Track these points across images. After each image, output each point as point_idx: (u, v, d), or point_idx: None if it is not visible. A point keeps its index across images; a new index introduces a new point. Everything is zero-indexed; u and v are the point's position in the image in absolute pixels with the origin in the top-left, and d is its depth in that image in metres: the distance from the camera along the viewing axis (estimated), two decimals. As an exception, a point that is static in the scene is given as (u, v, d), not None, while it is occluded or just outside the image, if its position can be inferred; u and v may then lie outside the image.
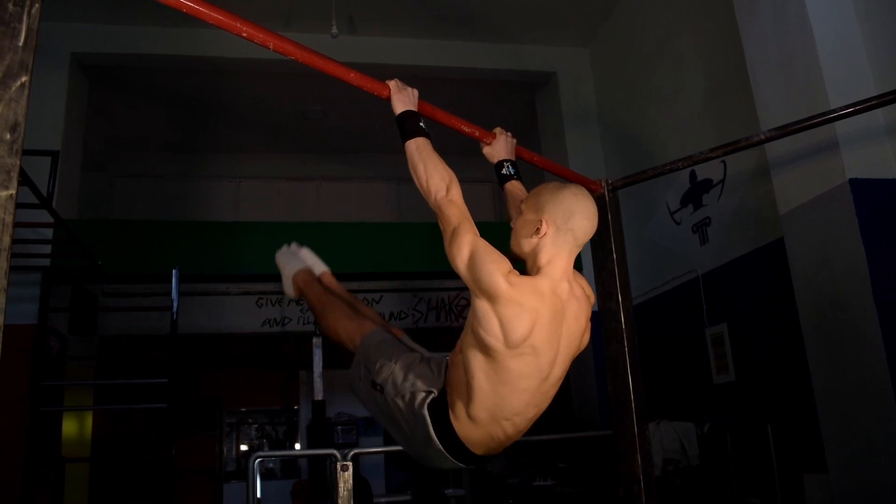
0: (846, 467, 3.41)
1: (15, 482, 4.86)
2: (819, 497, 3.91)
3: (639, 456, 2.55)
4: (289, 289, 2.89)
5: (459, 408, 1.91)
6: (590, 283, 2.11)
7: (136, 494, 7.40)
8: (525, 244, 1.92)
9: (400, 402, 2.06)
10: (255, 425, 10.36)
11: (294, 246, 3.09)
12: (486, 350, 1.80)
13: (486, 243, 1.80)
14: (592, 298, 2.03)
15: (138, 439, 8.01)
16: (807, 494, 4.05)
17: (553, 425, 6.68)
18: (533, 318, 1.76)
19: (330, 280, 2.94)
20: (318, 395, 5.91)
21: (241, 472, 9.40)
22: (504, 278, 1.73)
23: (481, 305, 1.77)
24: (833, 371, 3.49)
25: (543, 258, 1.89)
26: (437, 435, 1.95)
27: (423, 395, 2.00)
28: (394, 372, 2.11)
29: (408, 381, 2.06)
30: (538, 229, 1.87)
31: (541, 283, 1.84)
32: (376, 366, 2.18)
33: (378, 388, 2.14)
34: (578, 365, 6.60)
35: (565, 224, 1.86)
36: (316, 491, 5.85)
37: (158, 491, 6.16)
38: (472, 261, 1.77)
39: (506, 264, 1.77)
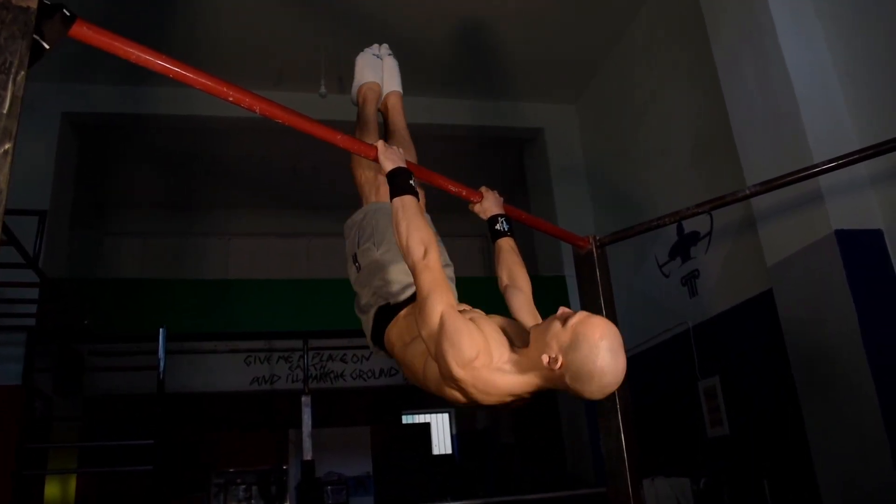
0: (845, 523, 3.35)
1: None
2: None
3: (634, 515, 2.50)
4: (354, 95, 2.96)
5: (395, 333, 2.11)
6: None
7: (120, 560, 7.19)
8: (533, 364, 1.67)
9: (364, 290, 2.32)
10: (243, 486, 10.12)
11: (383, 48, 3.01)
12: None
13: (457, 321, 1.71)
14: None
15: (124, 502, 7.81)
16: (806, 551, 3.97)
17: (546, 483, 6.58)
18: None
19: (395, 102, 3.00)
20: (308, 455, 5.80)
21: (229, 534, 9.16)
22: (461, 367, 1.67)
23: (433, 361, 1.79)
24: (828, 426, 3.46)
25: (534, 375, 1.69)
26: (372, 329, 2.23)
27: (382, 300, 2.23)
28: (372, 260, 2.32)
29: (377, 280, 2.27)
30: (553, 359, 1.59)
31: (500, 379, 1.71)
32: (364, 245, 2.37)
33: (356, 265, 2.38)
34: (572, 421, 6.52)
35: (575, 382, 1.59)
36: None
37: (143, 557, 5.99)
38: (438, 337, 1.72)
39: (471, 350, 1.66)
